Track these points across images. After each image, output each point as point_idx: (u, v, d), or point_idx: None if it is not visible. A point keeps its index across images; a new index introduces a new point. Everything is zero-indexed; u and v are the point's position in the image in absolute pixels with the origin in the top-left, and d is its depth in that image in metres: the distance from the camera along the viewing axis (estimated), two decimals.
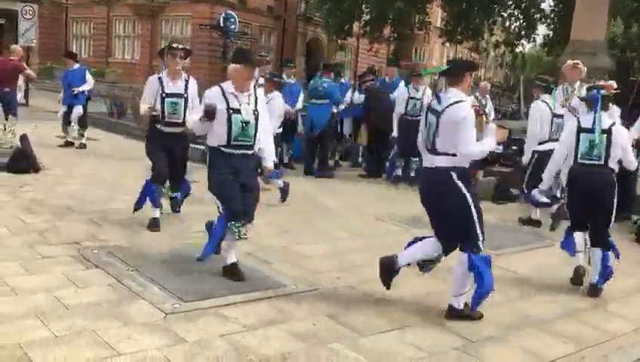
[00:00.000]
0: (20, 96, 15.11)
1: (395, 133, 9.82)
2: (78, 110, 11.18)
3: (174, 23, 33.61)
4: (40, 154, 8.84)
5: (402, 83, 10.46)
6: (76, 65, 11.48)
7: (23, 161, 8.39)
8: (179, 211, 6.38)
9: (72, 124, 11.25)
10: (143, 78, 27.55)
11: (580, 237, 5.19)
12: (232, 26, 19.78)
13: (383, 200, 8.53)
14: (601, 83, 7.65)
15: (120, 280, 4.44)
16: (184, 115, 5.90)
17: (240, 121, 4.68)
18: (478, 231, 4.12)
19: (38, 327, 3.56)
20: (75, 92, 11.11)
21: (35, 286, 4.21)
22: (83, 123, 11.42)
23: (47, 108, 19.20)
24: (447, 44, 39.71)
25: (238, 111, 4.70)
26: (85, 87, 11.27)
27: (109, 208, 6.69)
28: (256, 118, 4.78)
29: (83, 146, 11.24)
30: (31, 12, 19.29)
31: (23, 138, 8.73)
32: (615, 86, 7.64)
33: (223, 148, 4.72)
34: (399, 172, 10.01)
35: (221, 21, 19.49)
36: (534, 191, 6.14)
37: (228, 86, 4.78)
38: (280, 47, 35.24)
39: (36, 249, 5.05)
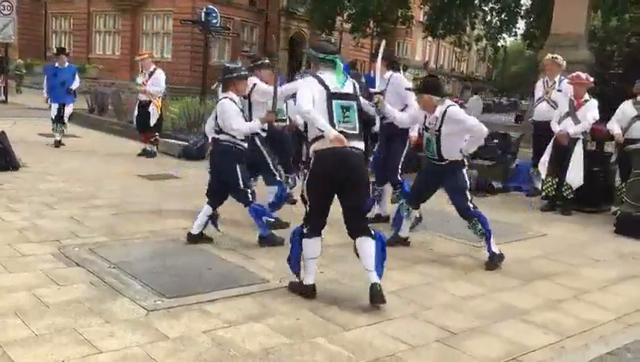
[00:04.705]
0: None
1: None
2: (70, 108, 11.27)
3: (155, 18, 33.34)
4: (19, 152, 8.74)
5: None
6: (67, 64, 11.43)
7: (1, 159, 8.28)
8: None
9: (65, 121, 11.24)
10: (128, 74, 27.17)
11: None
12: (214, 21, 19.64)
13: None
14: (570, 75, 7.77)
15: (101, 278, 4.41)
16: None
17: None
18: None
19: (19, 326, 3.53)
20: (72, 90, 11.14)
21: (15, 284, 4.17)
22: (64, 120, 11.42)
23: (26, 105, 18.96)
24: (430, 39, 39.91)
25: None
26: (76, 85, 11.33)
27: (90, 205, 6.63)
28: None
29: (61, 143, 11.20)
30: (9, 7, 19.02)
31: (2, 135, 8.61)
32: (592, 79, 7.76)
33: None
34: None
35: (202, 16, 19.31)
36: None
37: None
38: (263, 42, 35.11)
39: (16, 247, 4.99)
